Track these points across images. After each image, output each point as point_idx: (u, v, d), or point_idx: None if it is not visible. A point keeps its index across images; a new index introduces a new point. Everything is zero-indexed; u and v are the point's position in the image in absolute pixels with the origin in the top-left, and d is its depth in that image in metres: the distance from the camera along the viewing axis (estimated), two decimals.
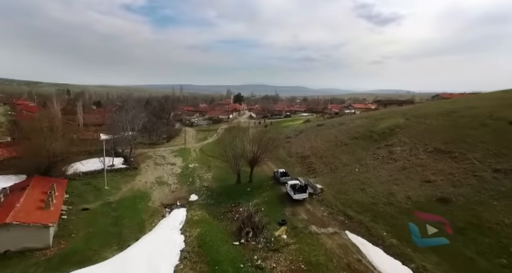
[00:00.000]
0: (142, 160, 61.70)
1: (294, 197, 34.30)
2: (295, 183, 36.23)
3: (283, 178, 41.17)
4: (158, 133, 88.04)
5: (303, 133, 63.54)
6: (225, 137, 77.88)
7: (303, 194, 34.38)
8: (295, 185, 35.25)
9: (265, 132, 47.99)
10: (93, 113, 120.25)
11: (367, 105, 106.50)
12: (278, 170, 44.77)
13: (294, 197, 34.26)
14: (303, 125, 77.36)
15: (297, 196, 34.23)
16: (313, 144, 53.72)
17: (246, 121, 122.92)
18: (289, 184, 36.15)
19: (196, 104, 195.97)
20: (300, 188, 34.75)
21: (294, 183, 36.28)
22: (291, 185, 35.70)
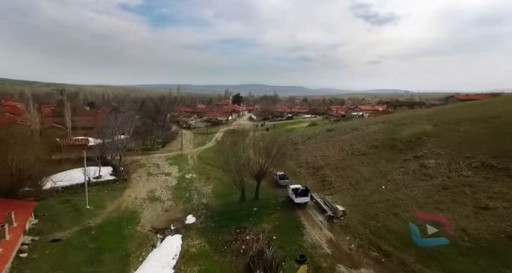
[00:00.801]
0: (134, 169, 55.35)
1: (295, 200, 34.24)
2: (297, 187, 36.29)
3: (282, 181, 41.92)
4: (153, 137, 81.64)
5: (311, 139, 57.45)
6: (225, 144, 71.67)
7: (304, 198, 34.44)
8: (297, 189, 35.46)
9: (274, 141, 41.74)
10: (85, 115, 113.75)
11: (374, 106, 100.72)
12: (277, 172, 44.04)
13: (296, 200, 34.23)
14: (310, 129, 71.29)
15: (299, 200, 34.22)
16: (325, 153, 47.64)
17: (246, 123, 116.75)
18: (291, 188, 36.00)
19: (194, 105, 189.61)
20: (302, 192, 34.88)
21: (295, 187, 36.27)
22: (292, 189, 35.63)
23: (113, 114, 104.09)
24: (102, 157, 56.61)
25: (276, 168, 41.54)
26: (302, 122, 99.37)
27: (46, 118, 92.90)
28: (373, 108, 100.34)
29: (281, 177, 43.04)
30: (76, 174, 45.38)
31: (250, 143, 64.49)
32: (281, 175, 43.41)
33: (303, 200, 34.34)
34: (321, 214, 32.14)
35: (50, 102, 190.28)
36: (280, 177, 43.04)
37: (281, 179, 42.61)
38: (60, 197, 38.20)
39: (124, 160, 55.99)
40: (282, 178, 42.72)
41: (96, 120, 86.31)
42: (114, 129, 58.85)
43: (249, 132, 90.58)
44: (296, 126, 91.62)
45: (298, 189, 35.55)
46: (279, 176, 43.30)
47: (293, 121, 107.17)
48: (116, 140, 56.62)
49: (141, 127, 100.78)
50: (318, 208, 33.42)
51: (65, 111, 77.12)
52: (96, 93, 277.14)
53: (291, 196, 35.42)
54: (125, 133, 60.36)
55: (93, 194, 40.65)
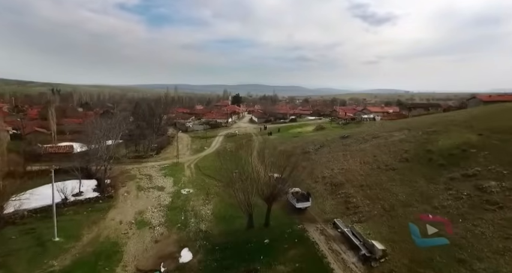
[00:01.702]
0: (123, 183, 48.07)
1: (297, 206, 32.81)
2: (297, 190, 34.27)
3: (300, 204, 35.97)
4: (147, 143, 74.22)
5: (325, 147, 50.36)
6: (227, 151, 64.44)
7: (306, 203, 32.91)
8: (297, 193, 33.53)
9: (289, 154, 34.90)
10: (77, 117, 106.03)
11: (384, 108, 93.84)
12: (274, 175, 38.36)
13: (297, 206, 32.82)
14: (320, 135, 64.18)
15: (300, 205, 32.77)
16: (344, 165, 40.58)
17: (246, 126, 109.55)
18: (290, 192, 33.73)
19: (192, 106, 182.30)
20: (302, 196, 33.23)
21: (295, 190, 34.09)
22: (292, 193, 33.67)
23: (104, 117, 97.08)
24: (86, 168, 49.47)
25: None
26: (307, 125, 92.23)
27: (31, 121, 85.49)
28: (383, 109, 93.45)
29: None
30: (51, 191, 38.00)
31: (255, 152, 57.57)
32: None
33: (304, 205, 32.84)
34: (351, 250, 25.08)
35: (42, 102, 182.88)
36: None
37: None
38: (24, 224, 30.86)
39: (110, 171, 48.65)
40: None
41: (85, 123, 79.01)
42: (101, 135, 51.61)
43: (252, 136, 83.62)
44: (302, 130, 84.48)
45: (298, 193, 33.76)
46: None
47: (297, 123, 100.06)
48: (101, 147, 49.30)
49: (135, 130, 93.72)
50: (347, 241, 26.35)
51: (49, 114, 69.24)
52: (92, 93, 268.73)
53: (291, 200, 33.63)
54: (112, 139, 53.03)
55: (67, 219, 33.48)
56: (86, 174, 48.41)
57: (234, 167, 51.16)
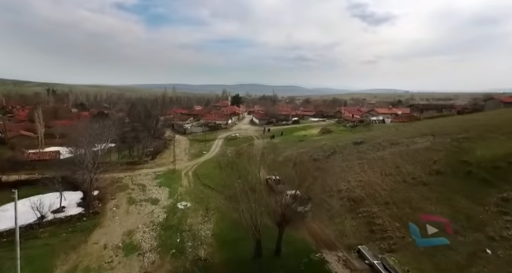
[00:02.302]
0: (112, 194, 42.78)
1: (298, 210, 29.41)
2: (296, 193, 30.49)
3: (278, 186, 34.61)
4: (142, 147, 68.80)
5: (336, 154, 45.17)
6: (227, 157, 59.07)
7: (304, 207, 30.72)
8: (295, 196, 29.51)
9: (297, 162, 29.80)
10: (69, 119, 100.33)
11: (392, 109, 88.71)
12: (271, 177, 40.00)
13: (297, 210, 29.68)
14: (328, 139, 58.94)
15: (300, 209, 29.66)
16: (362, 176, 35.44)
17: (247, 128, 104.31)
18: (289, 195, 29.79)
19: (191, 106, 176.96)
20: (302, 200, 29.76)
21: (293, 193, 30.36)
22: (291, 196, 29.67)
23: (98, 118, 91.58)
24: (72, 177, 44.17)
25: None
26: (311, 127, 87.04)
27: (18, 124, 79.82)
28: (391, 111, 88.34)
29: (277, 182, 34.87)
30: (25, 208, 32.62)
31: (258, 159, 52.41)
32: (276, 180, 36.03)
33: (303, 210, 30.52)
34: None
35: (36, 103, 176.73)
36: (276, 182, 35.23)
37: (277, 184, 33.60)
38: None
39: (99, 181, 43.30)
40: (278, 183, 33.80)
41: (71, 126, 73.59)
42: (89, 139, 46.25)
43: (253, 139, 78.41)
44: (306, 133, 79.33)
45: (296, 195, 30.42)
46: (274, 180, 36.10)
47: (301, 125, 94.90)
48: (88, 154, 43.88)
49: (130, 133, 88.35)
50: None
51: (35, 116, 63.70)
52: (88, 93, 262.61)
53: (289, 203, 30.18)
54: (102, 144, 47.68)
55: (41, 243, 28.18)
56: (71, 185, 43.26)
57: (236, 177, 45.96)
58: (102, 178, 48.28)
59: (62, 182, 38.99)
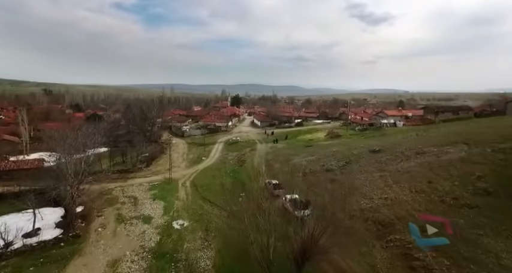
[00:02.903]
0: (99, 210, 37.46)
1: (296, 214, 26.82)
2: (294, 197, 30.28)
3: (277, 191, 36.58)
4: (136, 152, 63.34)
5: (352, 164, 39.90)
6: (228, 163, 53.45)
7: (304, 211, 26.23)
8: (295, 200, 29.39)
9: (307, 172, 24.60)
10: (62, 121, 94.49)
11: (402, 111, 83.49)
12: (271, 181, 39.69)
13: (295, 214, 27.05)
14: (339, 145, 53.56)
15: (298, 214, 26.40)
16: (387, 193, 30.20)
17: (248, 130, 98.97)
18: (288, 199, 31.33)
19: (189, 107, 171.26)
20: (301, 204, 27.45)
21: (292, 197, 30.58)
22: (289, 200, 30.78)
23: (91, 120, 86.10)
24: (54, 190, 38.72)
25: None
26: (317, 130, 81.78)
27: (4, 127, 74.18)
28: (400, 113, 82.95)
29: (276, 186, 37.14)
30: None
31: (264, 167, 47.27)
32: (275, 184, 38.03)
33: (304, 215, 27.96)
34: None
35: (31, 103, 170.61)
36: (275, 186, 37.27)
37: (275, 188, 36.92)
38: None
39: (80, 197, 37.80)
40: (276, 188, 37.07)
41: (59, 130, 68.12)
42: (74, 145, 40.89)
43: (256, 143, 73.11)
44: (312, 137, 74.14)
45: (296, 200, 29.93)
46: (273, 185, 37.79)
47: (305, 128, 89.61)
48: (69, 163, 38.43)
49: (125, 136, 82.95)
50: None
51: (19, 119, 58.11)
52: (86, 94, 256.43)
53: (289, 208, 30.66)
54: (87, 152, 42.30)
55: None
56: (52, 200, 37.79)
57: (240, 189, 40.87)
58: (89, 189, 43.05)
59: (40, 197, 33.65)
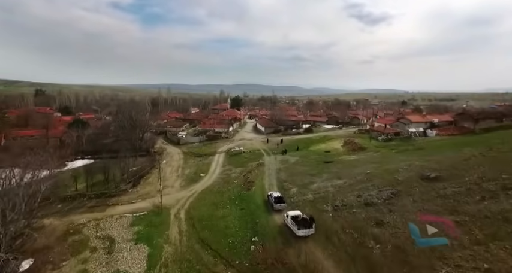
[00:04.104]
0: (56, 265, 26.74)
1: (298, 233, 26.89)
2: (297, 214, 29.01)
3: (279, 205, 33.28)
4: (122, 169, 52.27)
5: (402, 197, 29.20)
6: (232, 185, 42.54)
7: (309, 230, 26.79)
8: (297, 217, 28.27)
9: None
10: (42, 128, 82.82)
11: (425, 116, 72.83)
12: (272, 193, 35.98)
13: (298, 233, 26.85)
14: (368, 162, 42.87)
15: (302, 232, 26.78)
16: (485, 258, 19.66)
17: (252, 137, 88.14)
18: (290, 215, 28.78)
19: (187, 109, 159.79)
20: (304, 222, 27.42)
21: (295, 214, 29.04)
22: (292, 217, 28.37)
23: (74, 127, 74.96)
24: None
25: None
26: (330, 139, 71.05)
27: None
28: (425, 118, 72.01)
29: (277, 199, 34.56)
30: None
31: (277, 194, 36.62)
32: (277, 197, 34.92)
33: (307, 233, 26.88)
34: None
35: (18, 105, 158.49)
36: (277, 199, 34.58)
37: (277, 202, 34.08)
38: None
39: (32, 241, 27.09)
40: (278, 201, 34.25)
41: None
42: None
43: (262, 155, 62.49)
44: (327, 147, 63.69)
45: (298, 216, 28.47)
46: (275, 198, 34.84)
47: (315, 135, 79.00)
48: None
49: (113, 145, 72.09)
50: None
51: None
52: (79, 94, 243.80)
53: (291, 226, 28.12)
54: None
55: None
56: None
57: (250, 230, 30.44)
58: (50, 226, 32.56)
59: None
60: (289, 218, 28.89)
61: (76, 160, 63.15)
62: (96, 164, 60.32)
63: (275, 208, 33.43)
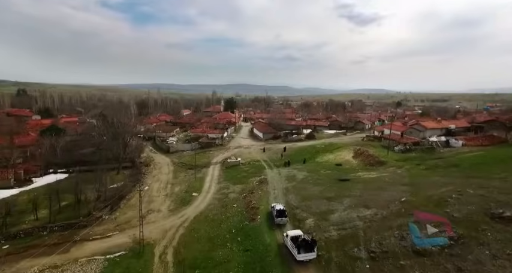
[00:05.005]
0: None
1: (297, 258, 23.08)
2: (297, 234, 25.25)
3: (280, 219, 30.17)
4: (97, 190, 43.02)
5: (469, 244, 21.43)
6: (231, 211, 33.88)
7: (310, 254, 23.03)
8: (298, 238, 24.38)
9: None
10: (6, 135, 71.98)
11: (442, 123, 65.72)
12: (275, 205, 32.65)
13: (298, 258, 23.04)
14: (395, 183, 35.09)
15: (302, 257, 23.00)
16: None
17: (248, 144, 79.68)
18: (289, 236, 25.18)
19: (178, 111, 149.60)
20: (305, 244, 23.34)
21: (295, 234, 25.30)
22: (291, 238, 24.64)
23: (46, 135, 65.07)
24: None
25: None
26: (337, 147, 63.10)
27: None
28: (440, 125, 64.84)
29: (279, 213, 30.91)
30: None
31: (291, 234, 28.41)
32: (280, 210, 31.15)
33: (307, 257, 23.06)
34: None
35: None
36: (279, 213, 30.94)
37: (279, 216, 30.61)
38: None
39: None
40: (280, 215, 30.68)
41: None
42: None
43: (263, 168, 54.26)
44: (336, 157, 55.90)
45: (298, 237, 24.53)
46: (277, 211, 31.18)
47: (319, 142, 71.11)
48: None
49: (92, 155, 62.71)
50: None
51: None
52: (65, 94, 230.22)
53: (290, 249, 24.49)
54: None
55: None
56: None
57: None
58: None
59: None
60: (288, 238, 25.38)
61: (46, 175, 53.51)
62: (70, 179, 51.15)
63: (276, 222, 30.60)
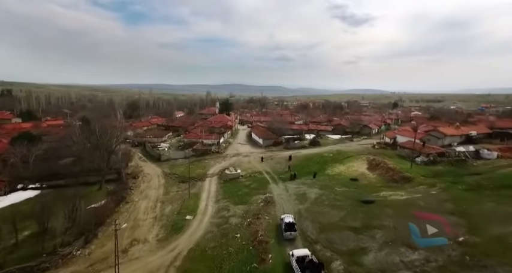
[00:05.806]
0: None
1: None
2: (304, 254, 23.40)
3: (289, 234, 28.11)
4: (69, 215, 35.14)
5: None
6: (236, 247, 26.68)
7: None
8: (304, 258, 22.78)
9: None
10: None
11: (460, 129, 59.56)
12: (285, 217, 30.32)
13: None
14: (453, 217, 28.32)
15: None
16: None
17: (247, 152, 72.33)
18: (295, 256, 23.27)
19: (170, 112, 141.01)
20: (311, 266, 21.50)
21: (301, 253, 23.50)
22: (297, 259, 22.87)
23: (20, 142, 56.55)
24: None
25: None
26: (347, 156, 56.26)
27: None
28: (459, 131, 58.76)
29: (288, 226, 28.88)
30: None
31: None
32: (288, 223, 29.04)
33: None
34: None
35: None
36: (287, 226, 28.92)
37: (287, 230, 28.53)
38: None
39: None
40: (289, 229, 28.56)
41: None
42: None
43: (267, 183, 47.13)
44: (347, 169, 49.20)
45: (305, 258, 22.87)
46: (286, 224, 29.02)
47: (326, 150, 64.24)
48: None
49: (71, 167, 54.73)
50: None
51: None
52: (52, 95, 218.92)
53: (295, 269, 22.55)
54: None
55: None
56: None
57: None
58: None
59: None
60: (294, 258, 23.31)
61: (13, 192, 45.19)
62: (40, 198, 43.18)
63: (284, 237, 28.49)
